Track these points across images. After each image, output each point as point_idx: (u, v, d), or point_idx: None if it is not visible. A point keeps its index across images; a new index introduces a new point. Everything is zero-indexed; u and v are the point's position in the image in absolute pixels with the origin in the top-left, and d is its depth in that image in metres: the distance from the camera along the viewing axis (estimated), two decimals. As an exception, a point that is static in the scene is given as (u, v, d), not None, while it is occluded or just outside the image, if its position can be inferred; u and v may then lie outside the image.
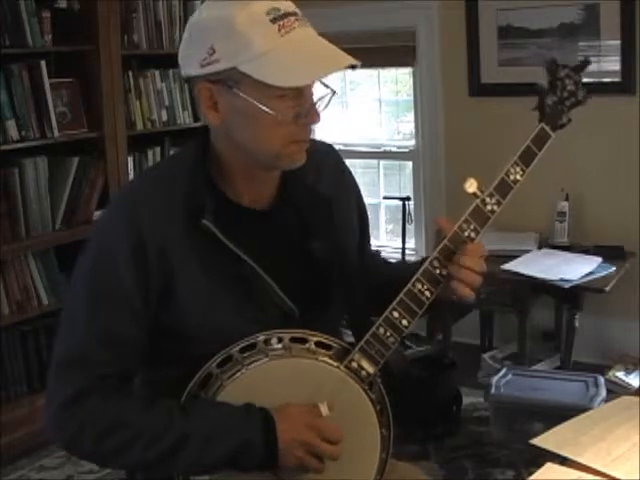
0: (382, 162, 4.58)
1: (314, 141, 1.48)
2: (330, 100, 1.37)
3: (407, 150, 4.42)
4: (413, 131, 4.37)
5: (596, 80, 3.59)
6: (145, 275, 1.34)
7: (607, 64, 3.64)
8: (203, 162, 1.41)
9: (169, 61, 3.85)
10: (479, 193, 1.42)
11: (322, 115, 1.36)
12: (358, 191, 1.64)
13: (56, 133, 3.29)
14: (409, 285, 1.40)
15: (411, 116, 4.37)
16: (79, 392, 1.34)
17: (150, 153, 3.81)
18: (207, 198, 1.37)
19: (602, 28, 3.64)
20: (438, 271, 1.41)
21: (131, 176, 3.61)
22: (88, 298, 1.36)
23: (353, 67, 1.34)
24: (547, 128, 1.46)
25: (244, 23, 1.28)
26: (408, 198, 4.10)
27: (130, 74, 3.65)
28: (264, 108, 1.31)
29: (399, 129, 4.61)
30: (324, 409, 1.37)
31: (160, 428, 1.34)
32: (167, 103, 3.83)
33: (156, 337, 1.39)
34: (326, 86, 1.38)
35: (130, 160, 3.63)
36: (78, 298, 1.38)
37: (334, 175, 1.56)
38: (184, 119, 3.91)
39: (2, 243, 3.12)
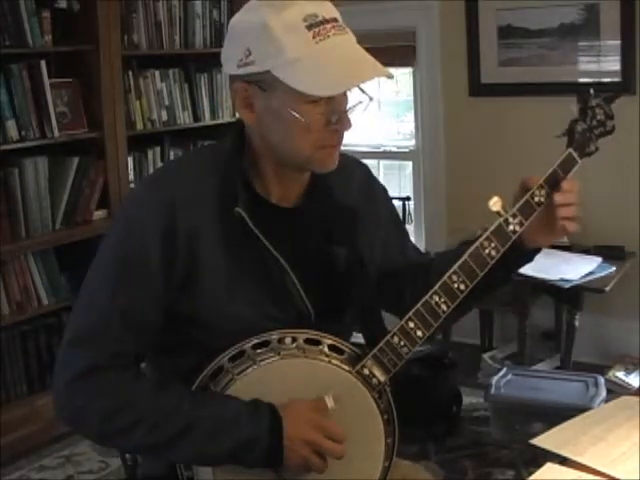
0: (382, 162, 4.58)
1: (346, 156, 1.50)
2: (367, 106, 1.39)
3: (407, 150, 4.42)
4: (413, 131, 4.37)
5: (596, 80, 3.60)
6: (171, 257, 1.35)
7: (607, 64, 3.64)
8: (238, 155, 1.42)
9: (169, 61, 3.86)
10: (502, 212, 1.43)
11: (354, 121, 1.37)
12: (388, 200, 1.66)
13: (56, 133, 3.29)
14: (426, 297, 1.41)
15: (411, 116, 4.37)
16: (93, 366, 1.34)
17: (150, 153, 3.81)
18: (240, 189, 1.39)
19: (602, 28, 3.64)
20: (456, 285, 1.41)
21: (131, 176, 3.62)
22: (113, 275, 1.37)
23: (388, 77, 1.36)
24: (575, 154, 1.49)
25: (279, 28, 1.29)
26: (408, 198, 4.10)
27: (130, 74, 3.65)
28: (295, 114, 1.32)
29: (399, 129, 4.61)
30: (330, 402, 1.37)
31: (167, 413, 1.34)
32: (167, 103, 3.83)
33: (173, 323, 1.39)
34: (364, 92, 1.39)
35: (130, 160, 3.63)
36: (102, 274, 1.38)
37: (362, 191, 1.57)
38: (184, 119, 3.91)
39: (2, 243, 3.12)
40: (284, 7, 1.31)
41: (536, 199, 1.44)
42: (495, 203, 1.43)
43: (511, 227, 1.43)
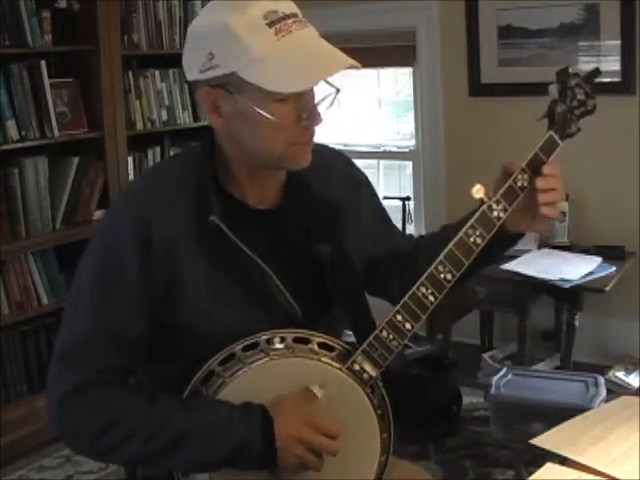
0: (382, 162, 4.58)
1: (325, 148, 1.48)
2: (335, 98, 1.37)
3: (407, 150, 4.42)
4: (413, 131, 4.37)
5: (596, 80, 3.60)
6: (150, 271, 1.35)
7: (607, 64, 3.63)
8: (209, 162, 1.42)
9: (169, 61, 3.85)
10: (486, 199, 1.42)
11: (324, 115, 1.36)
12: (370, 188, 1.64)
13: (56, 133, 3.29)
14: (413, 289, 1.41)
15: (411, 116, 4.36)
16: (81, 383, 1.34)
17: (150, 153, 3.81)
18: (214, 197, 1.38)
19: (602, 28, 3.64)
20: (443, 276, 1.41)
21: (131, 176, 3.62)
22: (93, 290, 1.37)
23: (354, 68, 1.33)
24: (556, 136, 1.46)
25: (241, 28, 1.28)
26: (408, 198, 4.10)
27: (130, 74, 3.65)
28: (264, 113, 1.31)
29: (399, 129, 4.61)
30: (318, 391, 1.36)
31: (159, 425, 1.34)
32: (167, 103, 3.84)
33: (160, 333, 1.39)
34: (330, 84, 1.37)
35: (130, 160, 3.63)
36: (83, 290, 1.38)
37: (343, 181, 1.56)
38: (184, 119, 3.92)
39: (2, 243, 3.12)
40: (243, 7, 1.29)
41: (519, 184, 1.43)
42: (478, 190, 1.42)
43: (495, 213, 1.42)
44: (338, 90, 1.38)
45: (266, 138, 1.34)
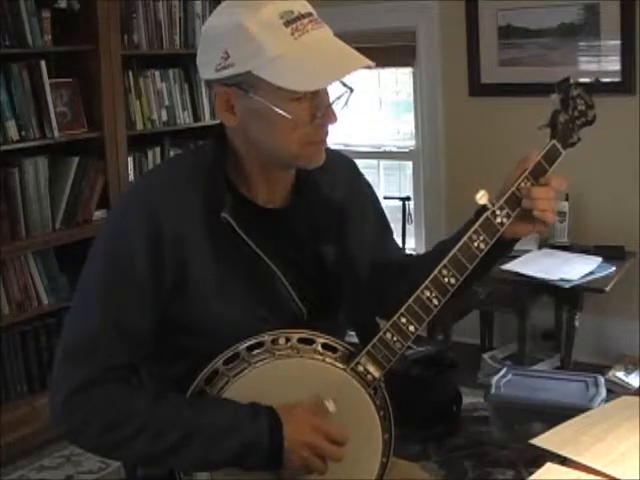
0: (382, 162, 4.58)
1: (331, 151, 1.49)
2: (349, 98, 1.38)
3: (407, 150, 4.42)
4: (413, 131, 4.37)
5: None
6: (159, 267, 1.35)
7: (607, 64, 3.64)
8: (221, 160, 1.42)
9: (169, 61, 3.86)
10: (490, 205, 1.44)
11: (339, 114, 1.37)
12: (374, 195, 1.65)
13: (56, 133, 3.29)
14: (418, 292, 1.41)
15: (411, 116, 4.37)
16: (88, 381, 1.33)
17: (150, 153, 3.81)
18: (225, 194, 1.38)
19: (602, 28, 3.64)
20: (447, 280, 1.42)
21: (131, 176, 3.62)
22: (101, 287, 1.36)
23: (368, 67, 1.34)
24: (558, 145, 1.48)
25: (257, 27, 1.28)
26: (408, 198, 4.10)
27: (130, 74, 3.66)
28: (280, 111, 1.31)
29: (399, 129, 4.61)
30: (330, 406, 1.37)
31: (167, 423, 1.34)
32: (167, 103, 3.84)
33: (165, 331, 1.39)
34: (344, 84, 1.38)
35: (130, 160, 3.63)
36: (91, 287, 1.38)
37: (349, 186, 1.57)
38: (184, 119, 3.92)
39: (2, 243, 3.12)
40: (258, 6, 1.30)
41: (522, 191, 1.44)
42: (482, 196, 1.43)
43: (499, 220, 1.44)
44: (352, 90, 1.39)
45: (281, 137, 1.34)
